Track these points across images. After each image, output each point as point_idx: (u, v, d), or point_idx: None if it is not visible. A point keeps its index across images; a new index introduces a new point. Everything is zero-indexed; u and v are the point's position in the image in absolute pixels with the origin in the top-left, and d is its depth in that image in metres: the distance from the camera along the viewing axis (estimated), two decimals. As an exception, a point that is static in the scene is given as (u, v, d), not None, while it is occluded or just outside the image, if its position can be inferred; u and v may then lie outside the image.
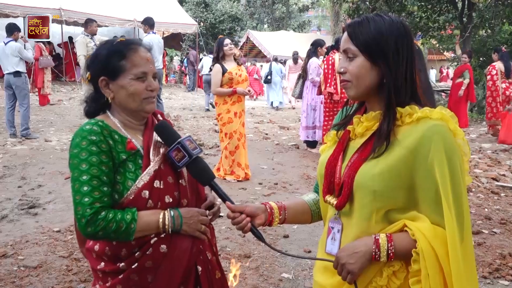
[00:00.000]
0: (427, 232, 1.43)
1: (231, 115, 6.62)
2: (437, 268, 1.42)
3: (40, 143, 8.69)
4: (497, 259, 4.17)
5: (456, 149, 1.47)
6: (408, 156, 1.46)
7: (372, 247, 1.48)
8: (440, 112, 1.49)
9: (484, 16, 14.46)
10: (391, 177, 1.47)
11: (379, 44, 1.50)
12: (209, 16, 27.30)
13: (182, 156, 1.78)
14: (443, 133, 1.46)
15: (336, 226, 1.63)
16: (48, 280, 3.61)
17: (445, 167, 1.43)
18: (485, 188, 6.61)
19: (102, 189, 1.71)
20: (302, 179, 6.85)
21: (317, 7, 40.17)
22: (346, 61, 1.57)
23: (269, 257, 4.10)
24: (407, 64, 1.53)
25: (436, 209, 1.44)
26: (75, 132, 1.80)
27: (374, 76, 1.53)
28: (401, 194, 1.49)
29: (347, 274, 1.51)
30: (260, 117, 13.95)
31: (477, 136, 11.05)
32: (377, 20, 1.52)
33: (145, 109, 1.87)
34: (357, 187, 1.53)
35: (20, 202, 5.37)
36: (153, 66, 1.89)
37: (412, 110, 1.51)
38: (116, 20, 18.71)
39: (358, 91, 1.57)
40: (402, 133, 1.50)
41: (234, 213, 1.73)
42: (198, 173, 1.83)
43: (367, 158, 1.53)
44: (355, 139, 1.63)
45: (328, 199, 1.64)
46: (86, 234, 1.73)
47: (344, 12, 20.03)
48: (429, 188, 1.45)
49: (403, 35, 1.53)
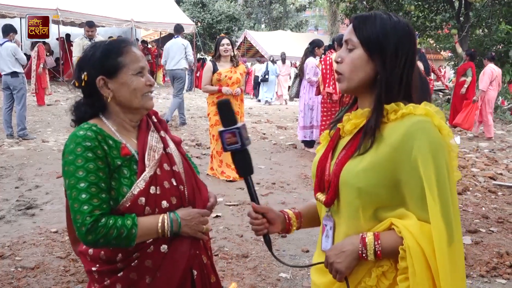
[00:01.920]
0: (413, 229, 1.42)
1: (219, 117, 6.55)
2: (424, 265, 1.40)
3: (37, 143, 8.67)
4: (494, 258, 4.18)
5: (441, 145, 1.45)
6: (393, 153, 1.45)
7: (359, 246, 1.48)
8: (424, 108, 1.49)
9: (481, 15, 14.50)
10: (376, 174, 1.47)
11: (380, 40, 1.51)
12: (207, 16, 27.32)
13: (234, 142, 1.67)
14: (426, 128, 1.44)
15: (328, 224, 1.64)
16: (45, 281, 3.60)
17: (429, 163, 1.41)
18: (483, 187, 6.62)
19: (100, 196, 1.68)
20: (299, 178, 6.85)
21: (314, 6, 40.12)
22: (345, 51, 1.58)
23: (267, 257, 4.10)
24: (405, 66, 1.52)
25: (422, 206, 1.43)
26: (69, 137, 1.75)
27: (368, 70, 1.53)
28: (387, 191, 1.48)
29: (335, 273, 1.52)
30: (258, 117, 13.95)
31: (474, 135, 11.07)
32: (384, 18, 1.53)
33: (145, 106, 1.84)
34: (342, 184, 1.53)
35: (17, 203, 5.36)
36: (147, 63, 1.88)
37: (397, 106, 1.50)
38: (113, 20, 18.66)
39: (350, 84, 1.57)
40: (387, 130, 1.49)
41: (257, 215, 1.71)
42: (241, 163, 1.73)
43: (353, 155, 1.53)
44: (345, 137, 1.63)
45: (318, 197, 1.66)
46: (86, 242, 1.69)
47: (341, 11, 20.01)
48: (414, 185, 1.43)
49: (406, 37, 1.53)
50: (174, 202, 1.83)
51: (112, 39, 1.88)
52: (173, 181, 1.86)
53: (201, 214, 1.86)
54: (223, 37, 6.79)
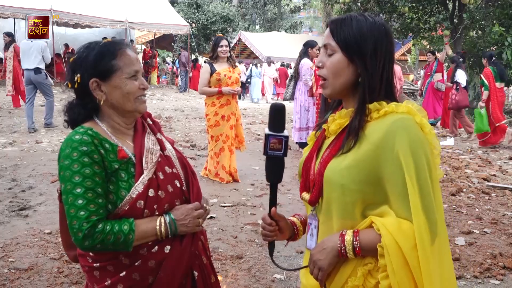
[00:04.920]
0: (391, 227, 1.42)
1: (219, 118, 6.52)
2: (402, 262, 1.40)
3: (31, 144, 8.63)
4: (488, 259, 4.20)
5: (422, 142, 1.46)
6: (375, 151, 1.47)
7: (338, 243, 1.50)
8: (406, 106, 1.51)
9: (475, 17, 14.56)
10: (358, 171, 1.48)
11: (358, 42, 1.52)
12: (201, 17, 27.27)
13: (278, 148, 1.65)
14: (407, 126, 1.46)
15: (313, 222, 1.65)
16: (39, 283, 3.58)
17: (409, 160, 1.42)
18: (476, 188, 6.65)
19: (97, 202, 1.67)
20: (294, 180, 6.85)
21: (308, 8, 40.29)
22: (325, 56, 1.59)
23: (261, 258, 4.10)
24: (384, 65, 1.54)
25: (404, 203, 1.43)
26: (64, 141, 1.74)
27: (350, 73, 1.55)
28: (370, 188, 1.49)
29: (318, 271, 1.54)
30: (252, 118, 13.96)
31: (467, 137, 11.11)
32: (360, 20, 1.54)
33: (138, 109, 1.84)
34: (326, 182, 1.54)
35: (10, 204, 5.33)
36: (141, 66, 1.88)
37: (379, 105, 1.52)
38: (107, 21, 18.63)
39: (334, 88, 1.58)
40: (369, 128, 1.51)
41: (272, 221, 1.71)
42: (273, 169, 1.71)
43: (336, 154, 1.54)
44: (330, 137, 1.64)
45: (303, 196, 1.68)
46: (83, 248, 1.69)
47: (335, 13, 20.08)
48: (396, 182, 1.44)
49: (383, 37, 1.54)
50: (178, 204, 1.84)
51: (107, 40, 1.87)
52: (176, 183, 1.86)
53: (194, 209, 1.85)
54: (221, 37, 6.67)
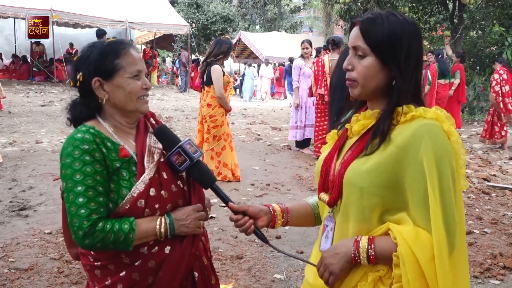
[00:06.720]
0: (408, 236, 1.37)
1: (224, 118, 6.58)
2: (418, 273, 1.35)
3: (31, 144, 8.62)
4: (488, 259, 4.20)
5: (448, 150, 1.41)
6: (399, 154, 1.42)
7: (352, 249, 1.45)
8: (435, 112, 1.45)
9: (475, 17, 14.59)
10: (379, 175, 1.43)
11: (392, 44, 1.44)
12: (201, 17, 27.25)
13: (183, 160, 1.74)
14: (434, 132, 1.40)
15: (330, 224, 1.61)
16: (39, 283, 3.58)
17: (433, 167, 1.37)
18: (476, 188, 6.65)
19: (98, 200, 1.67)
20: (294, 180, 6.85)
21: (308, 8, 40.24)
22: (354, 58, 1.50)
23: (261, 258, 4.10)
24: (416, 67, 1.49)
25: (423, 212, 1.38)
26: (66, 140, 1.74)
27: (382, 77, 1.48)
28: (389, 194, 1.44)
29: (328, 275, 1.49)
30: (252, 118, 13.96)
31: (468, 137, 11.12)
32: (391, 19, 1.46)
33: (140, 109, 1.84)
34: (346, 184, 1.50)
35: (10, 204, 5.32)
36: (145, 65, 1.87)
37: (407, 109, 1.46)
38: (108, 21, 18.60)
39: (363, 91, 1.51)
40: (395, 131, 1.45)
41: (237, 215, 1.71)
42: (199, 176, 1.80)
43: (359, 155, 1.50)
44: (352, 137, 1.59)
45: (321, 197, 1.62)
46: (83, 246, 1.69)
47: (336, 13, 20.10)
48: (417, 189, 1.39)
49: (415, 37, 1.48)
50: (181, 203, 1.84)
51: (110, 40, 1.87)
52: (179, 184, 1.86)
53: (195, 210, 1.84)
54: (229, 39, 6.66)
